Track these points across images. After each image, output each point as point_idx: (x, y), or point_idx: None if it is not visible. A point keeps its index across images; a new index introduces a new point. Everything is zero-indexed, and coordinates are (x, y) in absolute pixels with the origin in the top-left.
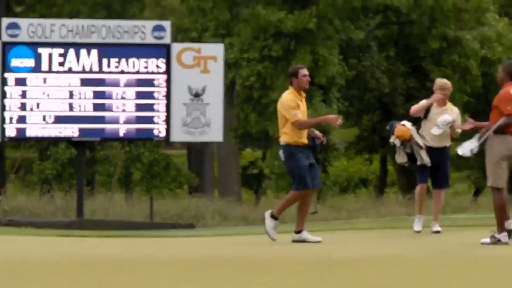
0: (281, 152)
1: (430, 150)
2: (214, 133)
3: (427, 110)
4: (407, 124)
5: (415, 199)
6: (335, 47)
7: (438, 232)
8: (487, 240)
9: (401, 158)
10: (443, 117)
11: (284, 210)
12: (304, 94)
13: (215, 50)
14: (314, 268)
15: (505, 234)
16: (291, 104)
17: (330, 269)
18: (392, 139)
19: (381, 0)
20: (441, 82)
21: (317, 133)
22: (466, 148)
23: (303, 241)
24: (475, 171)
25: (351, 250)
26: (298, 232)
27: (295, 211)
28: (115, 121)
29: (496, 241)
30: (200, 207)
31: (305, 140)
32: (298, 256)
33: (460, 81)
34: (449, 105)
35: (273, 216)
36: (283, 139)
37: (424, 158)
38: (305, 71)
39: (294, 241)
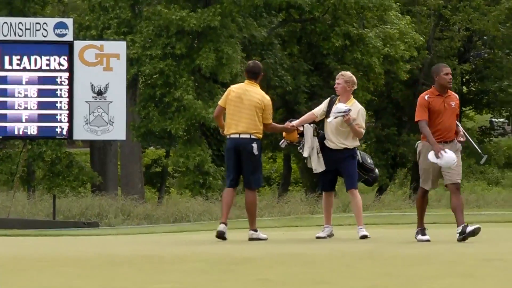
0: (256, 146)
1: (330, 151)
2: (117, 131)
3: (329, 110)
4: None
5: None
6: (238, 44)
7: (365, 237)
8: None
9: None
10: (337, 105)
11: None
12: None
13: (118, 48)
14: (215, 266)
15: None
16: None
17: (231, 267)
18: (282, 141)
19: None
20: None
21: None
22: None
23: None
24: (379, 169)
25: (254, 248)
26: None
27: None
28: (17, 119)
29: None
30: (103, 205)
31: None
32: (200, 255)
33: (363, 79)
34: (352, 101)
35: (255, 230)
36: (258, 135)
37: (313, 164)
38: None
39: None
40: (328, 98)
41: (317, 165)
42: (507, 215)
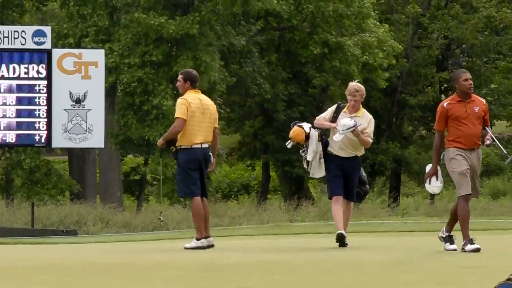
0: (211, 154)
1: (338, 159)
2: (96, 139)
3: (336, 116)
4: (306, 126)
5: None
6: (216, 52)
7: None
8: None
9: (305, 163)
10: (343, 121)
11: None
12: None
13: (96, 56)
14: (195, 274)
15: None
16: None
17: (210, 275)
18: (288, 141)
19: (262, 6)
20: (349, 86)
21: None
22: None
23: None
24: None
25: (233, 256)
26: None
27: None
28: None
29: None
30: (82, 213)
31: None
32: (179, 263)
33: (342, 87)
34: (362, 111)
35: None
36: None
37: (312, 170)
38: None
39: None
40: (335, 105)
41: (317, 171)
42: (485, 223)
